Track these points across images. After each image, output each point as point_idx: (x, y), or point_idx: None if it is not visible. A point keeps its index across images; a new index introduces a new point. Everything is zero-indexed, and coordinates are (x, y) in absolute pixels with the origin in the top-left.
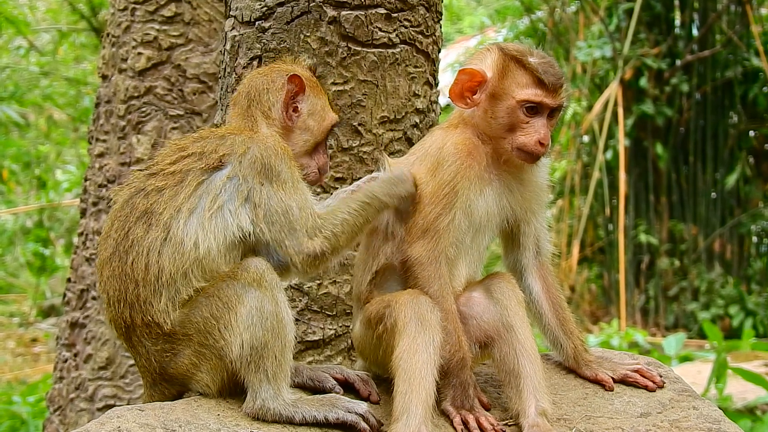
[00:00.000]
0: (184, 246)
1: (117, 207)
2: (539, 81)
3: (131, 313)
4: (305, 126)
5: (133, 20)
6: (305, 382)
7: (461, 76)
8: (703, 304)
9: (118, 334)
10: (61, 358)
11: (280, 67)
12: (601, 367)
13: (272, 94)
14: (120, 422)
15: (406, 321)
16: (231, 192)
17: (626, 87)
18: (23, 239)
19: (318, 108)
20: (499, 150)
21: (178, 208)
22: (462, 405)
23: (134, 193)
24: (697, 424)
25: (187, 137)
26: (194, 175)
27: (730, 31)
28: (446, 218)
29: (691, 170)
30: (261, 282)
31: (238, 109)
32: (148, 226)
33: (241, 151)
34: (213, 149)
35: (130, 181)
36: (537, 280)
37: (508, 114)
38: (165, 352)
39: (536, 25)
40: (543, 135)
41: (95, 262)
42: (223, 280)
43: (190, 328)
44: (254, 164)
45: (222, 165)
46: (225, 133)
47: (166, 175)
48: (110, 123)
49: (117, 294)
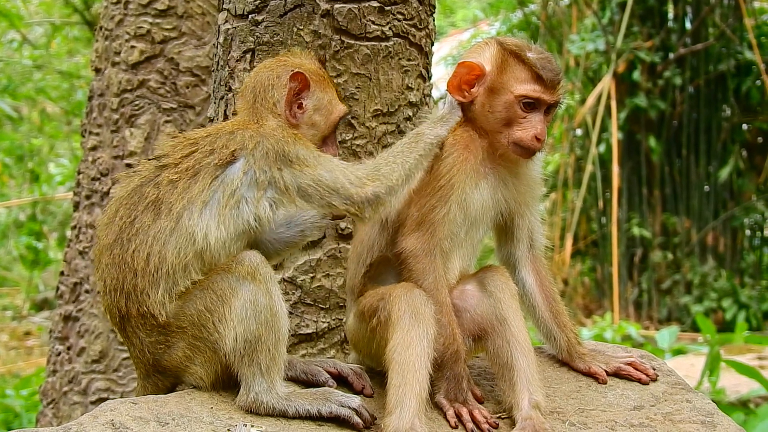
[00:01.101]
0: (192, 237)
1: (123, 194)
2: (537, 76)
3: (127, 302)
4: (311, 122)
5: (126, 13)
6: (298, 375)
7: (460, 68)
8: (696, 297)
9: (113, 323)
10: (54, 351)
11: (286, 62)
12: (594, 360)
13: (276, 91)
14: (113, 415)
15: (399, 314)
16: (248, 184)
17: (619, 80)
18: (16, 233)
19: (324, 102)
20: (495, 144)
21: (192, 200)
22: (455, 398)
23: (144, 183)
24: (690, 417)
25: (196, 131)
26: (208, 170)
27: (723, 24)
28: (441, 211)
29: (684, 163)
30: (255, 275)
31: (245, 104)
32: (156, 215)
33: (252, 145)
34: (223, 145)
35: (139, 170)
36: (530, 273)
37: (506, 108)
38: (159, 344)
39: (529, 18)
40: (539, 130)
41: (94, 248)
42: (217, 273)
43: (184, 321)
44: (268, 156)
45: (235, 159)
46: (233, 129)
47: (180, 169)
48: (103, 116)
49: (114, 283)
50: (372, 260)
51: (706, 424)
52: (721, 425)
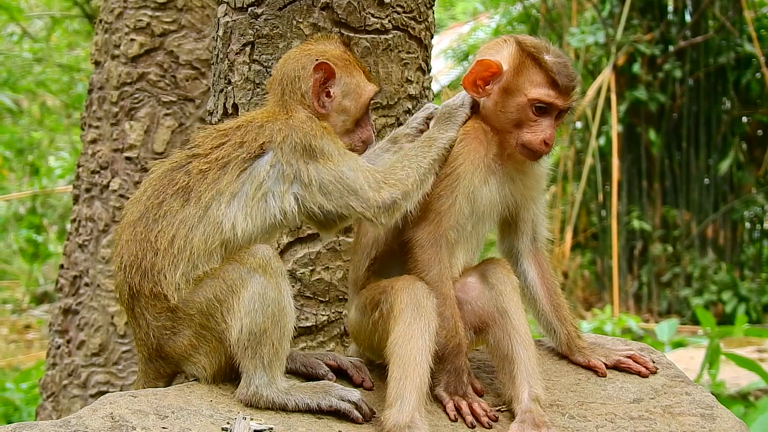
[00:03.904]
0: (220, 227)
1: (154, 176)
2: (553, 81)
3: (141, 280)
4: (341, 108)
5: (126, 6)
6: (298, 368)
7: (477, 66)
8: (696, 290)
9: (122, 301)
10: (53, 344)
11: (311, 50)
12: (594, 353)
13: (303, 82)
14: (113, 408)
15: (401, 307)
16: (275, 178)
17: (619, 73)
18: (16, 226)
19: (353, 87)
20: (503, 143)
21: (221, 191)
22: (455, 391)
23: (175, 168)
24: (690, 410)
25: (228, 123)
26: (236, 163)
27: (723, 16)
28: (448, 200)
29: (684, 156)
30: (266, 268)
31: (274, 96)
32: (185, 202)
33: (280, 138)
34: (253, 138)
35: (172, 157)
36: (532, 266)
37: (518, 110)
38: (165, 330)
39: (529, 11)
40: (549, 135)
41: (118, 224)
42: (229, 263)
43: (192, 308)
44: (295, 149)
45: (263, 152)
46: (263, 122)
47: (210, 159)
48: (103, 109)
49: (131, 259)
50: (377, 253)
51: (705, 416)
52: (720, 418)
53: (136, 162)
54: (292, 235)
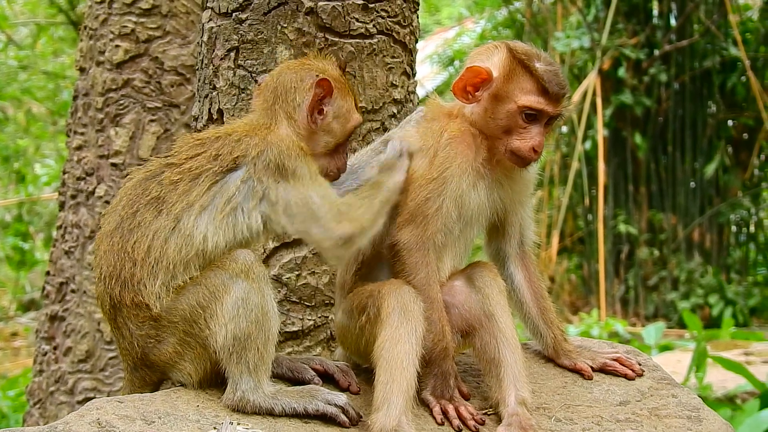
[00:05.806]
0: (191, 239)
1: (129, 185)
2: (543, 89)
3: (122, 291)
4: (328, 128)
5: (111, 13)
6: (284, 372)
7: (467, 72)
8: (682, 293)
9: (104, 311)
10: (40, 351)
11: (311, 66)
12: (580, 356)
13: (299, 95)
14: (99, 414)
15: (388, 311)
16: (245, 193)
17: (605, 77)
18: (2, 233)
19: (343, 111)
20: (492, 149)
21: (191, 203)
22: (442, 395)
23: (149, 177)
24: (676, 412)
25: (209, 132)
26: (208, 176)
27: (708, 20)
28: (435, 203)
29: (670, 160)
30: (249, 273)
31: (263, 102)
32: (158, 213)
33: (255, 153)
34: (228, 152)
35: (148, 165)
36: (519, 269)
37: (507, 117)
38: (149, 338)
39: (514, 15)
40: (537, 142)
41: (96, 235)
42: (211, 269)
43: (176, 316)
44: (268, 166)
45: (236, 167)
46: (241, 136)
47: (183, 169)
48: (88, 116)
49: (110, 270)
50: (365, 257)
51: (692, 419)
52: (707, 420)
53: (122, 168)
54: (278, 240)
